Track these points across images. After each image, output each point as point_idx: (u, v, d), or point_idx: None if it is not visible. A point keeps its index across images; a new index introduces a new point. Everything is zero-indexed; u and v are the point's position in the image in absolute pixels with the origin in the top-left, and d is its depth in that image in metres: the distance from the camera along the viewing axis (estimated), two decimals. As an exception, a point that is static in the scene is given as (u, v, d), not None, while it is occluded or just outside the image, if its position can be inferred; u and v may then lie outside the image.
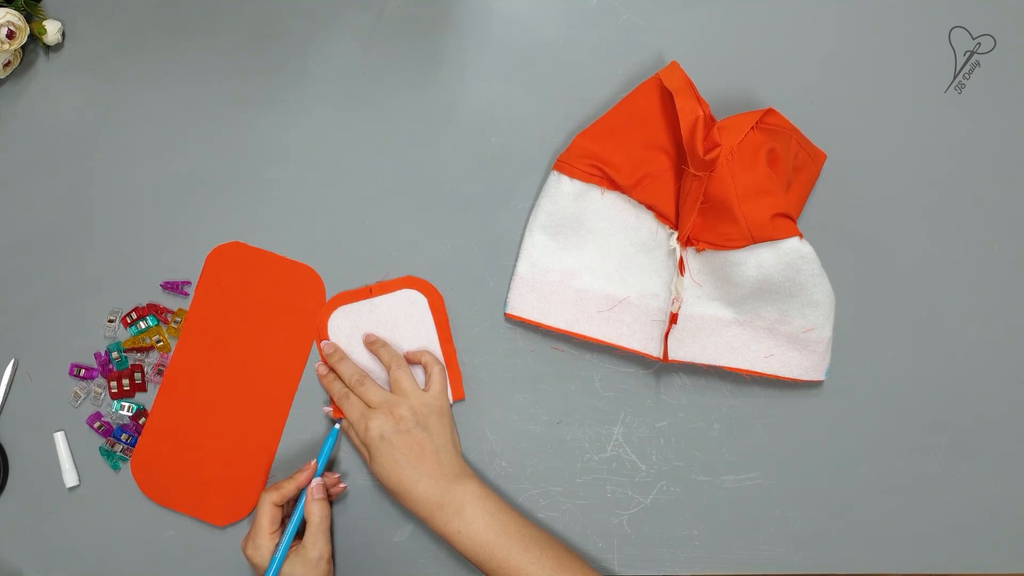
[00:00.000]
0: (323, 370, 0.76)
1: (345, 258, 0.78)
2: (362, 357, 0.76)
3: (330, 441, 0.73)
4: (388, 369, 0.74)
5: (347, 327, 0.76)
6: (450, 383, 0.75)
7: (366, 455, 0.72)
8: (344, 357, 0.75)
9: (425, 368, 0.75)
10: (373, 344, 0.76)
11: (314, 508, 0.71)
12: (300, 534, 0.71)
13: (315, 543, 0.69)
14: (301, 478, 0.72)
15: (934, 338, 0.77)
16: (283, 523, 0.71)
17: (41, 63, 0.81)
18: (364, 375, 0.74)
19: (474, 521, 0.69)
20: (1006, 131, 0.79)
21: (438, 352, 0.76)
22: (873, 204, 0.78)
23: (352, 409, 0.72)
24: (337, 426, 0.74)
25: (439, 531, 0.69)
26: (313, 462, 0.73)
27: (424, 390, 0.73)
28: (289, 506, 0.72)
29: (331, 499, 0.74)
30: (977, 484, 0.76)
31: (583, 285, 0.76)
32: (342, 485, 0.75)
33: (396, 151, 0.79)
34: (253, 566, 0.69)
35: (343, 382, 0.74)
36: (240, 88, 0.80)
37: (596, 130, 0.75)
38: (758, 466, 0.76)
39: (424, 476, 0.70)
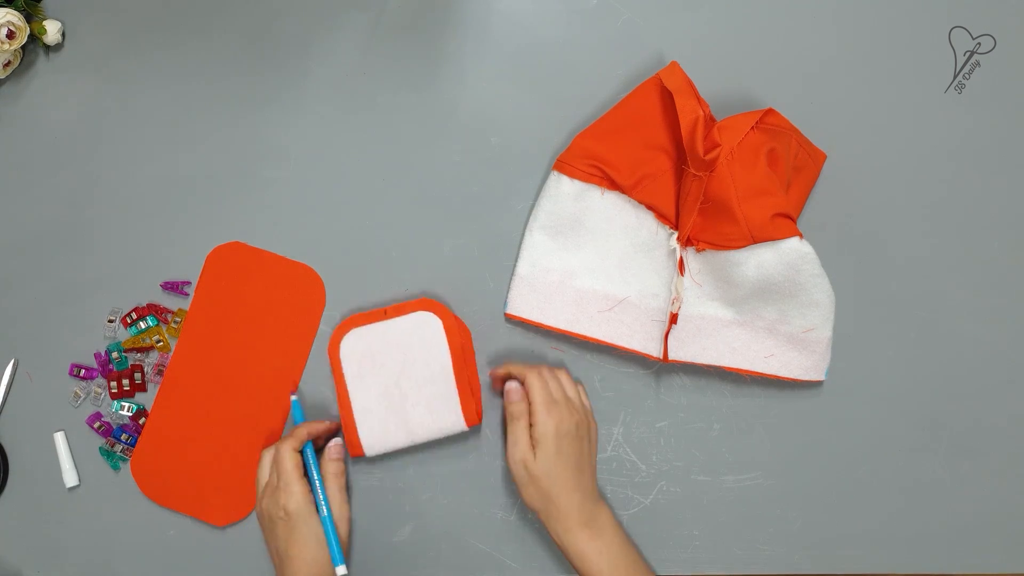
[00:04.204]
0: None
1: (345, 258, 0.78)
2: (375, 380, 0.74)
3: (296, 407, 0.75)
4: (551, 373, 0.72)
5: (360, 350, 0.75)
6: (468, 408, 0.74)
7: (523, 445, 0.69)
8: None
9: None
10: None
11: (329, 467, 0.71)
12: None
13: (333, 502, 0.70)
14: (317, 428, 0.72)
15: (934, 338, 0.77)
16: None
17: (41, 63, 0.81)
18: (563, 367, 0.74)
19: (612, 545, 0.69)
20: (1006, 131, 0.79)
21: (451, 377, 0.74)
22: (873, 204, 0.78)
23: (541, 390, 0.70)
24: (293, 397, 0.75)
25: (578, 545, 0.68)
26: (325, 422, 0.73)
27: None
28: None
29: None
30: (977, 484, 0.76)
31: (583, 285, 0.76)
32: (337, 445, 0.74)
33: (396, 151, 0.79)
34: (287, 514, 0.68)
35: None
36: (240, 88, 0.80)
37: (596, 130, 0.75)
38: (758, 466, 0.76)
39: (578, 488, 0.69)
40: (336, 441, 0.73)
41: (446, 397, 0.74)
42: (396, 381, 0.74)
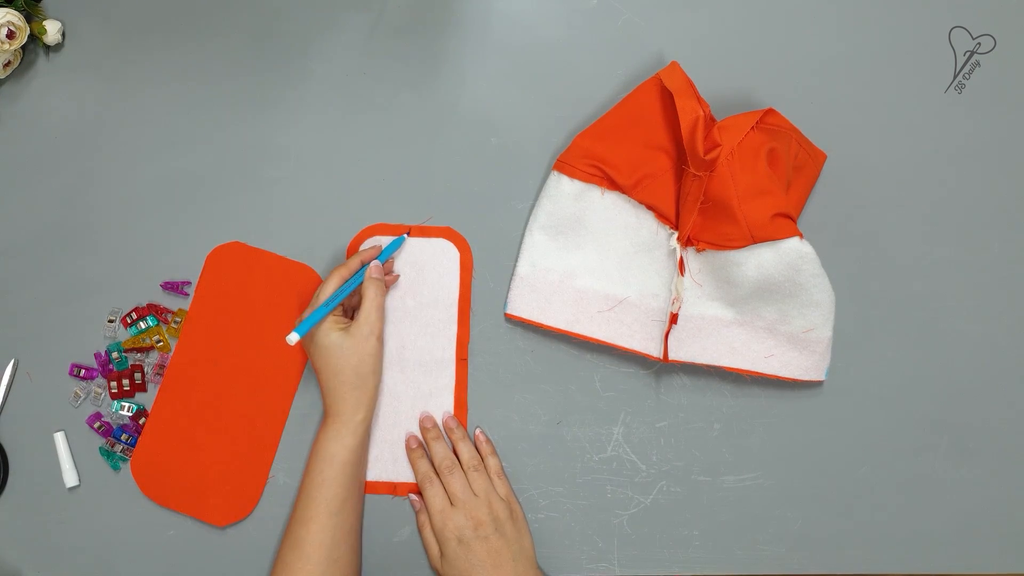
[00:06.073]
0: (414, 443, 0.74)
1: (345, 258, 0.78)
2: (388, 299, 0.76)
3: (397, 242, 0.76)
4: (466, 469, 0.73)
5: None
6: (463, 342, 0.76)
7: (435, 552, 0.71)
8: (439, 436, 0.74)
9: (484, 458, 0.74)
10: (453, 433, 0.75)
11: (370, 285, 0.71)
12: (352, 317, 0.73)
13: (367, 319, 0.70)
14: (366, 255, 0.73)
15: (934, 338, 0.77)
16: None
17: (41, 63, 0.81)
18: (455, 463, 0.73)
19: None
20: (1006, 131, 0.79)
21: (455, 308, 0.76)
22: (873, 204, 0.78)
23: (434, 499, 0.71)
24: (406, 235, 0.76)
25: None
26: (379, 245, 0.75)
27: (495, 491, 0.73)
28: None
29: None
30: (977, 484, 0.76)
31: (583, 285, 0.76)
32: (396, 274, 0.76)
33: (396, 151, 0.79)
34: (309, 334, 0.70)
35: (431, 463, 0.73)
36: (240, 88, 0.80)
37: (596, 130, 0.75)
38: (758, 466, 0.76)
39: None
40: (377, 263, 0.73)
41: (445, 325, 0.76)
42: (402, 295, 0.77)
